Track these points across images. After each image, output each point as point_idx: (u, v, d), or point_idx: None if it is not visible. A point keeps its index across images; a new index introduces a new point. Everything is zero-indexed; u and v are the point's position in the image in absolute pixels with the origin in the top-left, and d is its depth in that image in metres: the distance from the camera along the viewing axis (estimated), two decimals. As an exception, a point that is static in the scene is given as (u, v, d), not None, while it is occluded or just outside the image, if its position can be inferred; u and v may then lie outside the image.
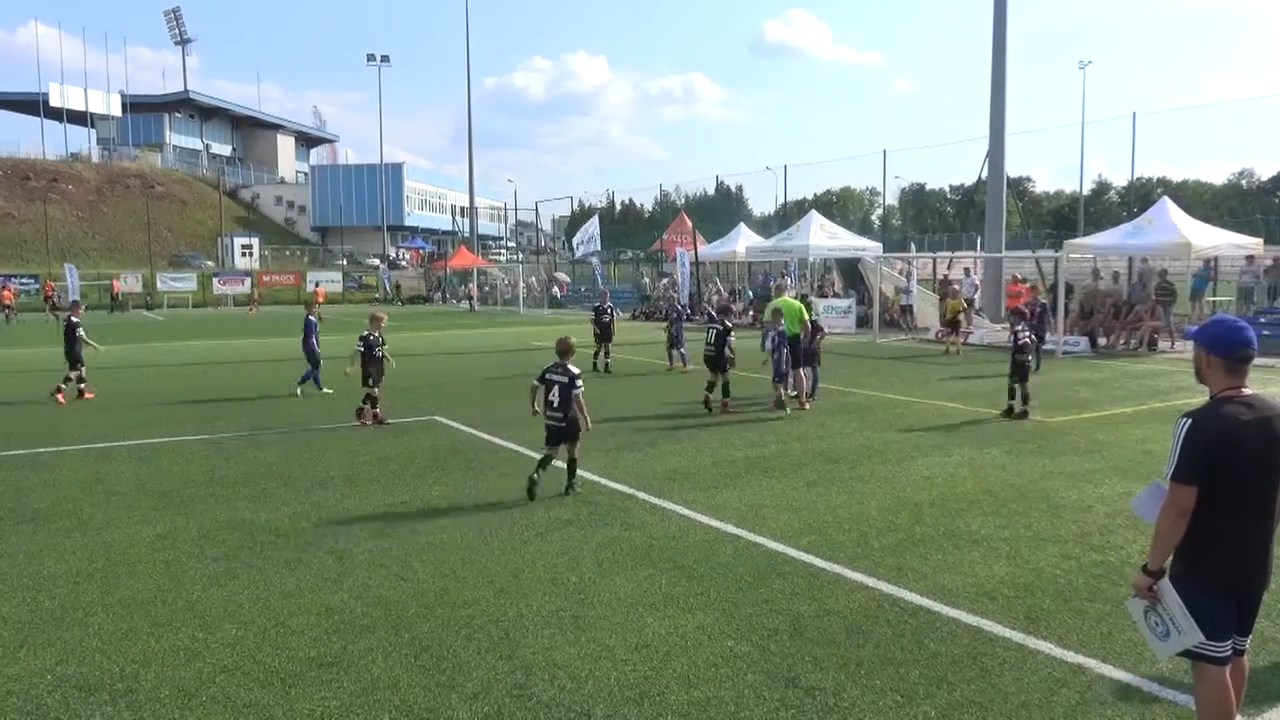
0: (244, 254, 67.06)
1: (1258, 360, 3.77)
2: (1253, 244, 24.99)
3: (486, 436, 11.78)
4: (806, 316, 14.67)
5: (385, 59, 76.25)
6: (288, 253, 76.41)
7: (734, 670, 4.95)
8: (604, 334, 19.34)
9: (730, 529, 7.57)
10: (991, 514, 8.00)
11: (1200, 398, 3.86)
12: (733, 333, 13.97)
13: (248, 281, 57.48)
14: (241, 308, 50.79)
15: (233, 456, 10.73)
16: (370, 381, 12.91)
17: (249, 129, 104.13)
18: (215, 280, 57.72)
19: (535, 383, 9.04)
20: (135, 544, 7.30)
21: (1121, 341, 23.36)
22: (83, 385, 15.86)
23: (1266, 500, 3.68)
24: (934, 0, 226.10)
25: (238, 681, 4.87)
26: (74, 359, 15.79)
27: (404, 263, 77.64)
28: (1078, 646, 5.21)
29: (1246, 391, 3.70)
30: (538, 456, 9.05)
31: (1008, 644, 5.27)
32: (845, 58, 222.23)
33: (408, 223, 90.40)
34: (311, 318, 16.35)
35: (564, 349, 9.14)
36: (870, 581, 6.30)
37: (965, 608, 5.80)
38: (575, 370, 8.94)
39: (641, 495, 8.70)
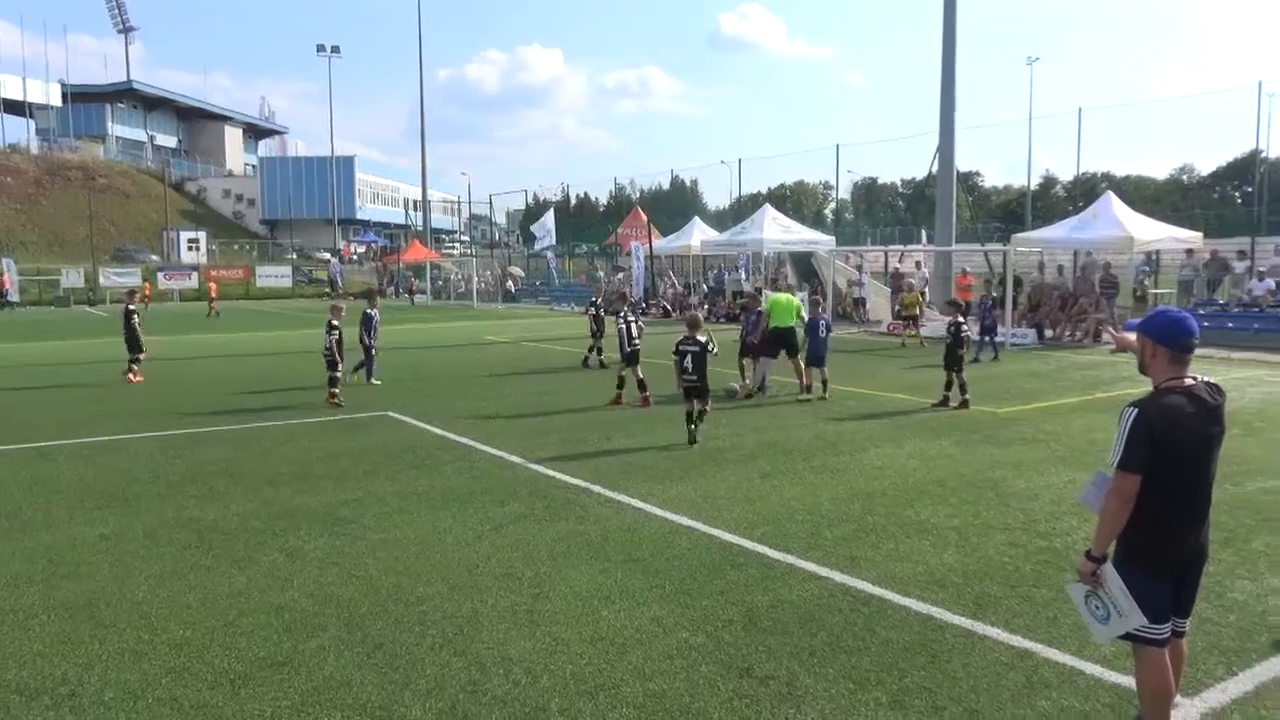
0: (190, 248, 65.64)
1: (1197, 350, 3.88)
2: (1192, 238, 25.65)
3: (440, 432, 11.70)
4: (801, 310, 15.08)
5: (336, 49, 75.32)
6: (236, 247, 75.05)
7: (689, 662, 4.97)
8: (599, 330, 19.12)
9: (685, 521, 7.61)
10: (941, 503, 8.13)
11: (1143, 388, 3.96)
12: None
13: (194, 276, 56.30)
14: (191, 303, 49.67)
15: (180, 454, 10.52)
16: (336, 366, 14.12)
17: (195, 120, 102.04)
18: (160, 275, 56.46)
19: (674, 356, 10.97)
20: (78, 545, 7.13)
21: (1067, 333, 23.87)
22: (135, 368, 17.06)
23: (1204, 486, 3.82)
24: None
25: (185, 683, 4.78)
26: (133, 344, 17.12)
27: (354, 258, 76.65)
28: (1024, 631, 5.32)
29: (1188, 381, 3.80)
30: (492, 451, 9.04)
31: (957, 630, 5.36)
32: (799, 52, 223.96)
33: (359, 216, 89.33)
34: (370, 310, 16.48)
35: (693, 323, 11.22)
36: (823, 571, 6.37)
37: (916, 595, 5.89)
38: (703, 339, 10.86)
39: (596, 488, 8.70)
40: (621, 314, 14.19)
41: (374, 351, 16.37)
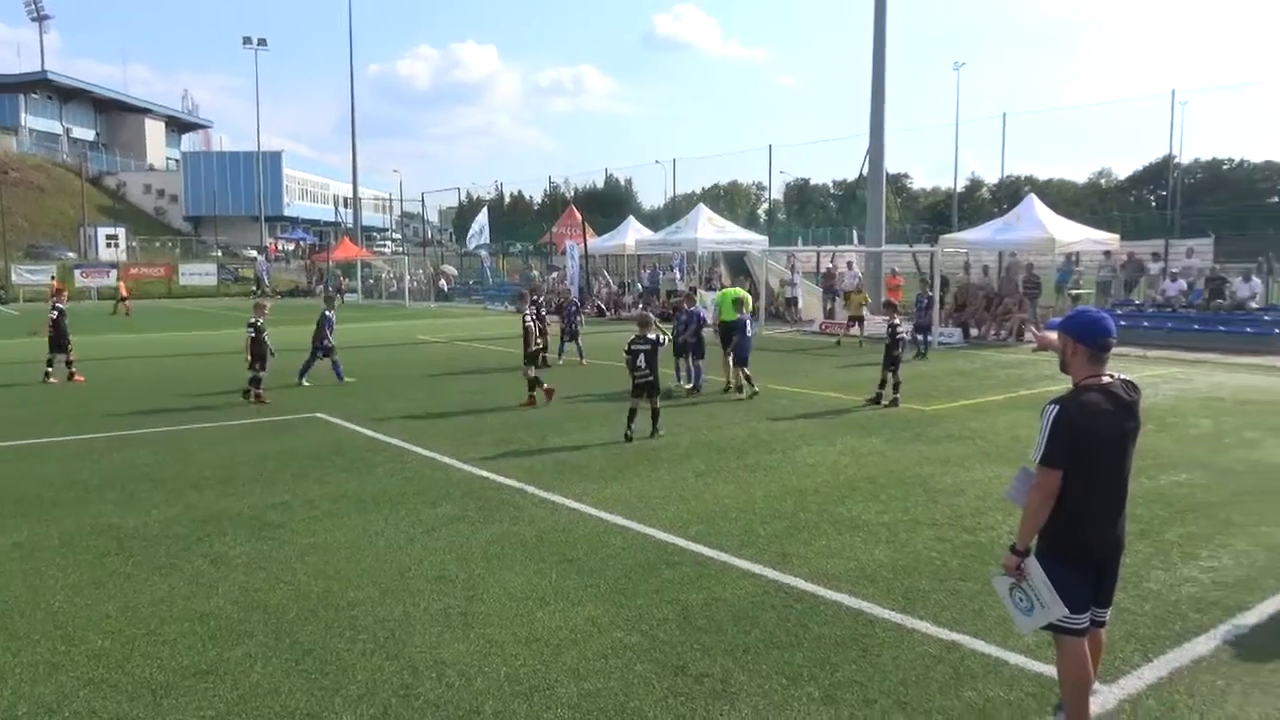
0: (109, 245, 63.47)
1: (1114, 348, 4.01)
2: (1110, 240, 26.54)
3: (370, 433, 11.51)
4: (748, 303, 15.70)
5: (263, 42, 73.21)
6: (158, 244, 72.76)
7: (624, 661, 4.98)
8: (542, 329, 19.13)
9: (619, 520, 7.61)
10: (872, 500, 8.27)
11: (1064, 385, 4.07)
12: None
13: (113, 274, 54.43)
14: (108, 301, 48.02)
15: (98, 459, 10.17)
16: (258, 365, 13.98)
17: (114, 113, 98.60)
18: (77, 273, 54.47)
19: (626, 355, 11.25)
20: (-12, 553, 6.84)
21: (992, 332, 24.48)
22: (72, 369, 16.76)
23: (1122, 478, 3.96)
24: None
25: (104, 695, 4.63)
26: (60, 344, 16.67)
27: (281, 255, 75.00)
28: (952, 624, 5.44)
29: (1106, 379, 3.93)
30: (424, 452, 8.92)
31: (887, 624, 5.46)
32: (734, 53, 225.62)
33: (287, 213, 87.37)
34: (328, 313, 16.45)
35: (644, 322, 11.56)
36: (757, 569, 6.43)
37: (847, 591, 5.98)
38: (653, 336, 11.26)
39: (530, 489, 8.65)
40: (527, 313, 13.92)
41: (334, 352, 16.32)
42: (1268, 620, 5.54)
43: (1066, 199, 56.91)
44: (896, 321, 13.96)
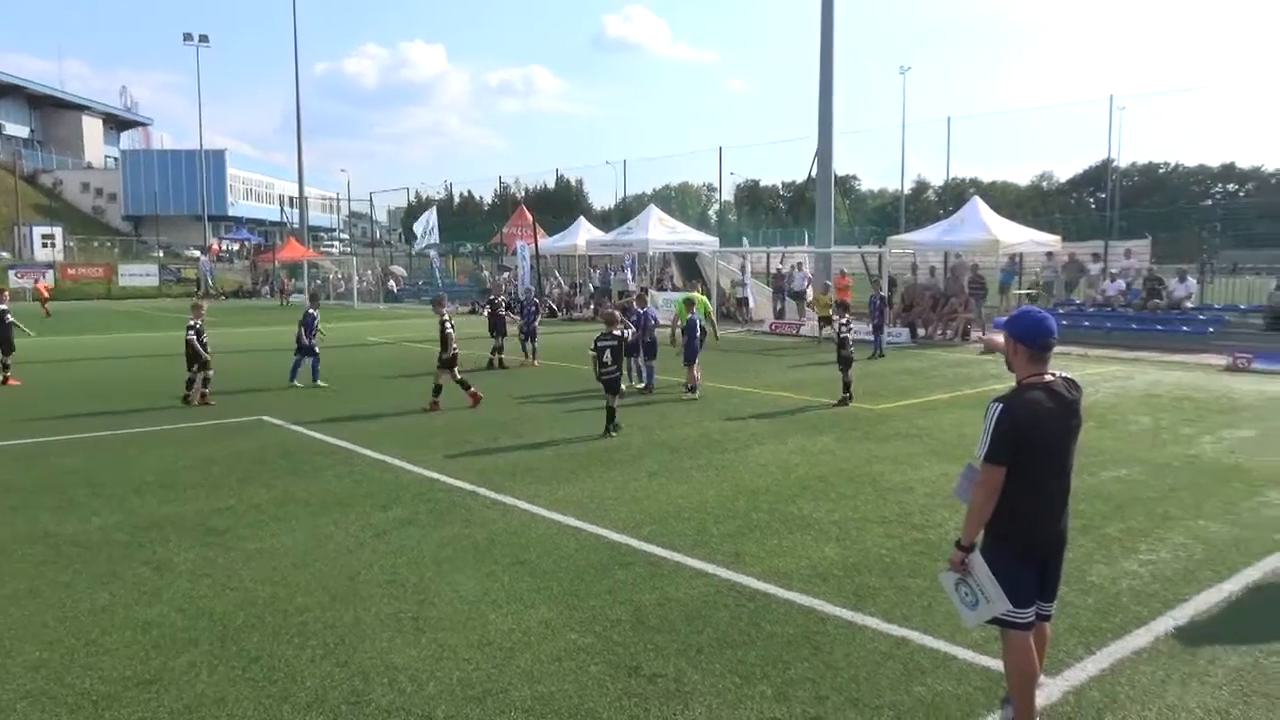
0: (45, 245, 61.69)
1: (1056, 347, 4.10)
2: (1051, 241, 27.14)
3: (318, 435, 11.34)
4: (708, 308, 16.12)
5: (204, 39, 71.67)
6: (96, 244, 70.92)
7: (577, 663, 4.96)
8: (501, 330, 19.05)
9: (572, 522, 7.59)
10: (822, 498, 8.35)
11: (1009, 384, 4.15)
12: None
13: (49, 274, 52.95)
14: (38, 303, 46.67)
15: (33, 464, 9.88)
16: (194, 367, 13.85)
17: (49, 109, 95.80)
18: (11, 273, 52.85)
19: (591, 352, 11.51)
20: (-82, 564, 6.61)
21: (939, 332, 24.89)
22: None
23: (1064, 474, 4.05)
24: (767, 2, 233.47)
25: (42, 707, 4.49)
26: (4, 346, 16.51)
27: (225, 255, 73.55)
28: (901, 620, 5.52)
29: (1048, 377, 4.01)
30: (374, 454, 8.83)
31: (838, 621, 5.52)
32: (683, 55, 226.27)
33: (232, 213, 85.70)
34: (313, 310, 16.20)
35: (611, 320, 11.76)
36: (709, 568, 6.46)
37: (799, 589, 6.03)
38: (618, 332, 11.58)
39: (482, 491, 8.59)
40: (445, 317, 13.47)
41: (316, 351, 16.10)
42: (1204, 612, 5.70)
43: (1010, 201, 58.03)
44: (845, 320, 14.14)
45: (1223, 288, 25.13)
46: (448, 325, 13.37)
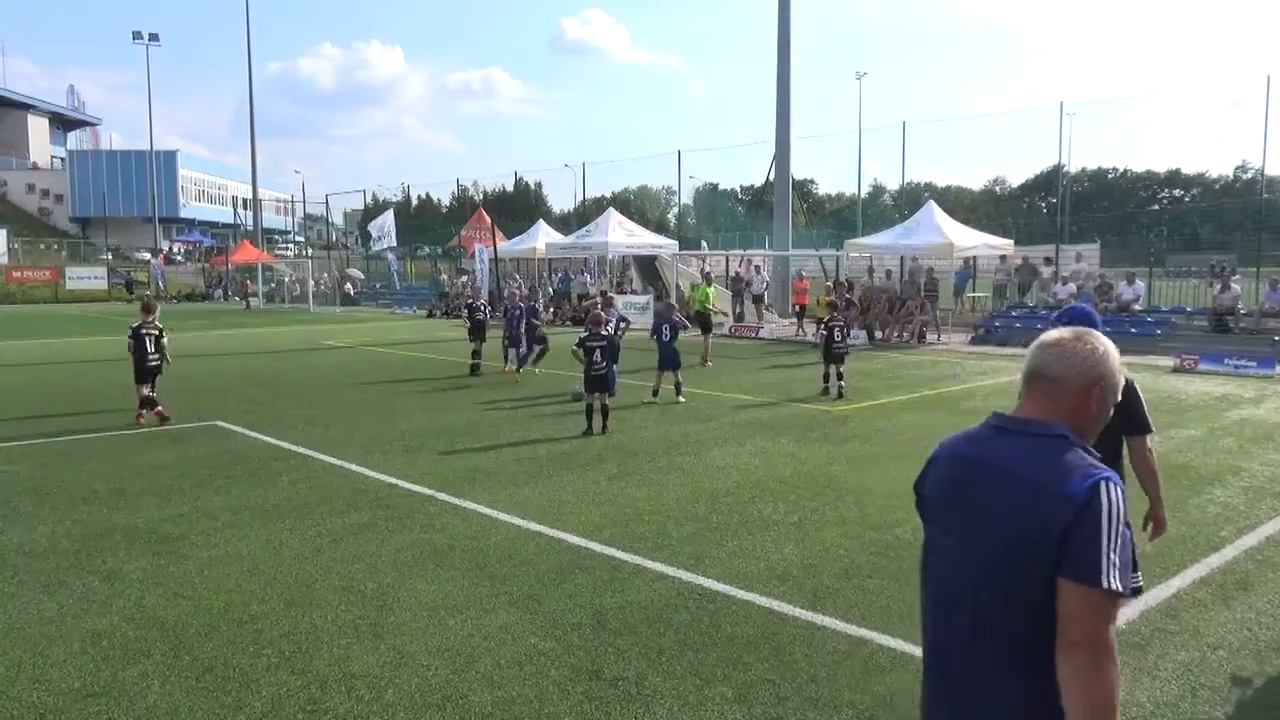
0: (-11, 247, 60.23)
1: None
2: (1005, 245, 27.61)
3: (274, 441, 11.18)
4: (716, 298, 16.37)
5: (154, 37, 70.29)
6: (42, 246, 69.27)
7: (538, 667, 4.94)
8: (481, 334, 18.13)
9: (532, 526, 7.56)
10: (782, 499, 8.40)
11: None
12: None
13: (-7, 277, 51.65)
14: (-13, 306, 45.52)
15: (-23, 472, 9.62)
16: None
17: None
18: (-46, 277, 51.54)
19: (576, 348, 11.96)
20: None
21: (895, 334, 25.17)
22: None
23: None
24: (725, 8, 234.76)
25: (-14, 722, 4.38)
26: None
27: (179, 258, 72.27)
28: (860, 620, 5.57)
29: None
30: (331, 460, 8.72)
31: (797, 622, 5.55)
32: (643, 59, 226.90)
33: (184, 214, 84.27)
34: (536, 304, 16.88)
35: (596, 320, 12.17)
36: (670, 571, 6.47)
37: (759, 590, 6.06)
38: (604, 331, 11.97)
39: (441, 496, 8.52)
40: (141, 330, 12.42)
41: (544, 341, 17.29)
42: (1153, 608, 5.81)
43: (964, 205, 58.98)
44: (834, 317, 15.05)
45: (1169, 290, 25.76)
46: (144, 333, 12.46)
